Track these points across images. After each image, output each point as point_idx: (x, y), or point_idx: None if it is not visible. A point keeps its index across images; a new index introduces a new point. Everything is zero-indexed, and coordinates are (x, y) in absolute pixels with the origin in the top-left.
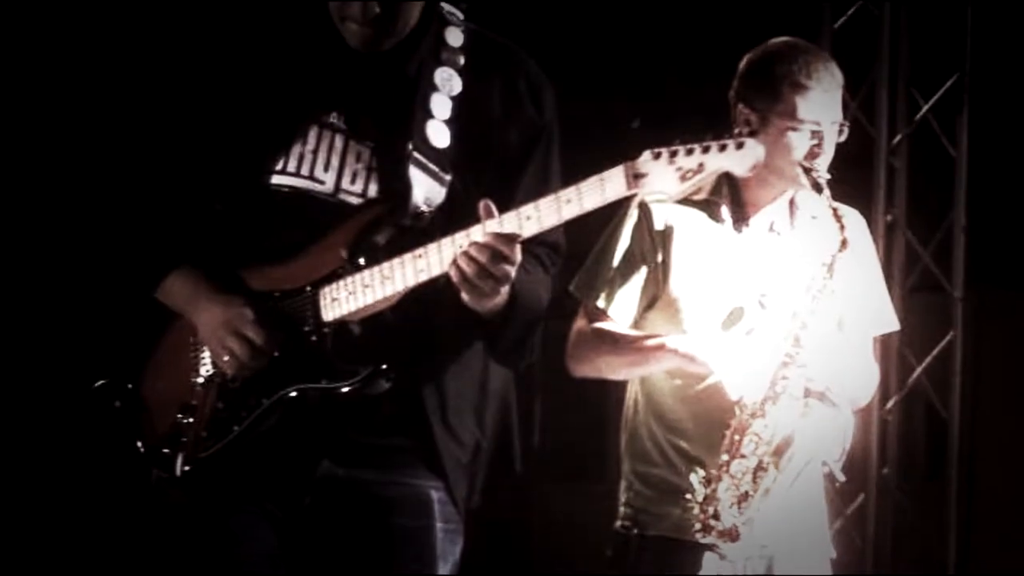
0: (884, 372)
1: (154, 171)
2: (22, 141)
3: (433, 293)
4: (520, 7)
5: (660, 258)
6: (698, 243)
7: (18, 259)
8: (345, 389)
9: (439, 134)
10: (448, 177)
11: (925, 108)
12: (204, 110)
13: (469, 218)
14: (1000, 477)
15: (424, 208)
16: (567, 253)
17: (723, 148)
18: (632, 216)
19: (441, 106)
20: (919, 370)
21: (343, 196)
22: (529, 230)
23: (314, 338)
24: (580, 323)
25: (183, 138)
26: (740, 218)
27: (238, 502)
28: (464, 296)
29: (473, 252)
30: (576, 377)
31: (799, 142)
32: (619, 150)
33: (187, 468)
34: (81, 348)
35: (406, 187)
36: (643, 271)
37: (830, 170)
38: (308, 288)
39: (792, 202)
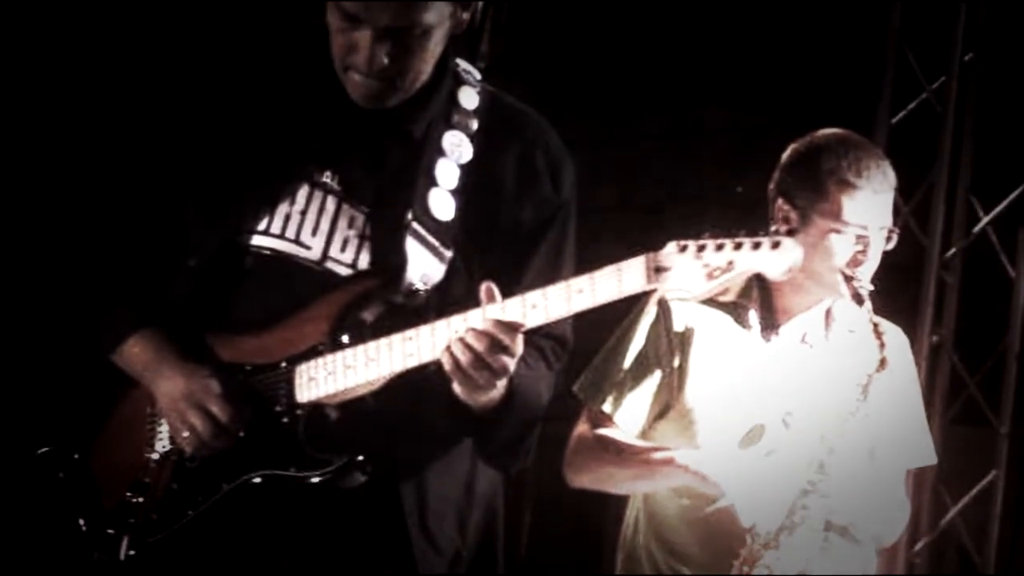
0: (915, 510)
1: (118, 217)
2: None
3: (422, 381)
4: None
5: (677, 363)
6: (720, 349)
7: None
8: (315, 480)
9: (443, 205)
10: (449, 253)
11: (985, 220)
12: (181, 154)
13: (468, 301)
14: None
15: (419, 285)
16: (574, 348)
17: (756, 246)
18: (649, 313)
19: (448, 174)
20: (954, 511)
21: (330, 265)
22: (534, 320)
23: (285, 420)
24: (582, 428)
25: (154, 183)
26: (769, 325)
27: None
28: (456, 387)
29: (470, 339)
30: (573, 487)
31: (842, 246)
32: (642, 237)
33: (132, 553)
34: (27, 410)
35: (401, 260)
36: (657, 375)
37: (874, 280)
38: (283, 364)
39: (829, 313)
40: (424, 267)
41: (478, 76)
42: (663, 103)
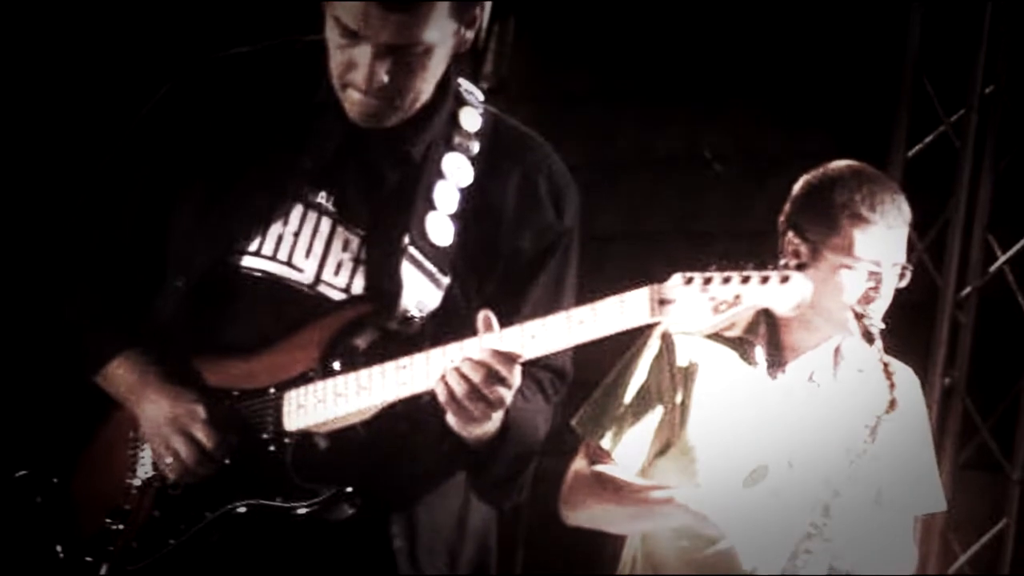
0: (923, 557)
1: (105, 235)
2: None
3: (415, 411)
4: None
5: (679, 398)
6: (725, 386)
7: None
8: (302, 510)
9: (441, 229)
10: (446, 280)
11: (1002, 259)
12: (170, 171)
13: (465, 329)
14: None
15: (415, 312)
16: (573, 381)
17: (765, 281)
18: (652, 347)
19: (447, 197)
20: (963, 559)
21: (323, 289)
22: (533, 351)
23: (272, 448)
24: (579, 463)
25: (142, 200)
26: (776, 363)
27: None
28: (450, 418)
29: (465, 369)
30: (569, 525)
31: (853, 283)
32: (647, 268)
33: None
34: (5, 432)
35: (396, 286)
36: (658, 411)
37: (885, 319)
38: (272, 390)
39: (838, 351)
40: (420, 293)
41: (481, 97)
42: (671, 128)
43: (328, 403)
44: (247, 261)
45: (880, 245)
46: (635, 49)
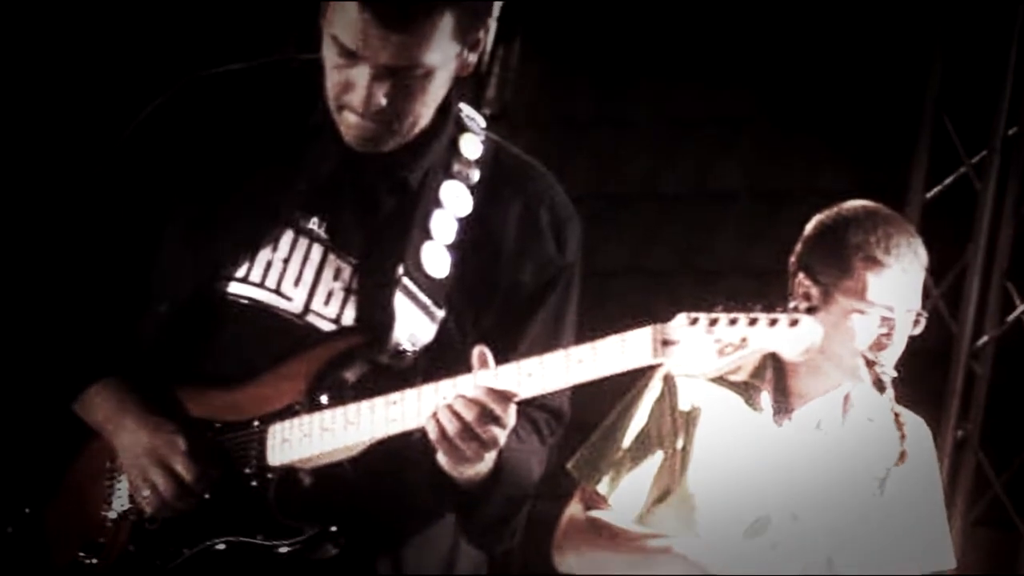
0: None
1: (86, 257)
2: None
3: (404, 449)
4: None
5: (680, 444)
6: (728, 432)
7: None
8: (284, 549)
9: (437, 260)
10: (440, 313)
11: (1021, 308)
12: (155, 191)
13: (459, 365)
14: None
15: (407, 346)
16: (570, 423)
17: (773, 323)
18: (654, 389)
19: (444, 227)
20: None
21: (312, 319)
22: (529, 389)
23: (255, 483)
24: (574, 508)
25: (126, 221)
26: (782, 409)
27: None
28: (440, 458)
29: (458, 407)
30: (561, 572)
31: (865, 328)
32: (650, 306)
33: None
34: None
35: (389, 318)
36: (658, 456)
37: (897, 367)
38: (256, 422)
39: (847, 399)
40: (413, 326)
41: (482, 123)
42: (680, 159)
43: (314, 438)
44: (234, 288)
45: (894, 290)
46: (644, 75)
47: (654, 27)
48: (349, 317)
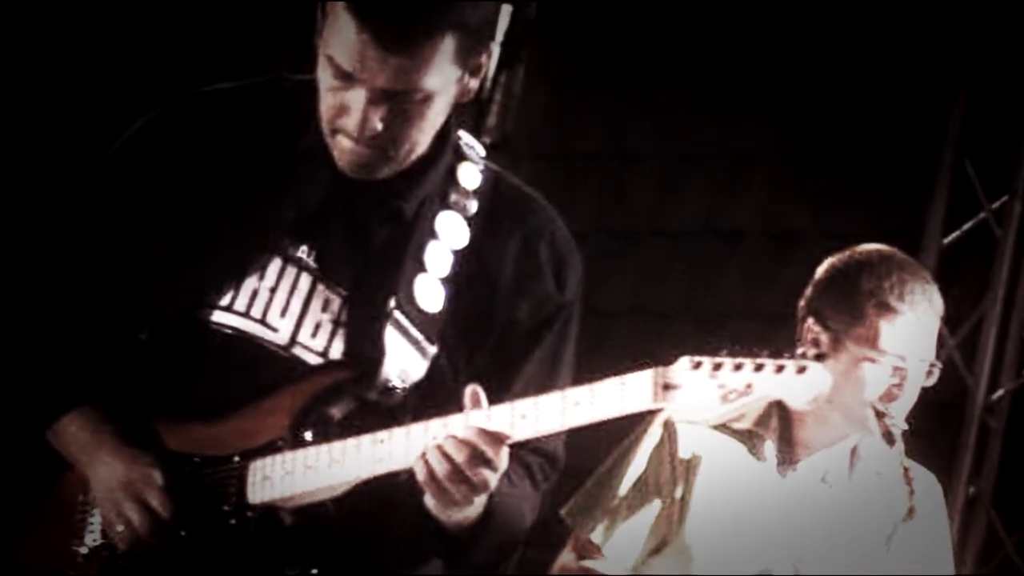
0: None
1: (62, 280)
2: None
3: (390, 490)
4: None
5: (679, 493)
6: (730, 482)
7: None
8: None
9: (430, 294)
10: (432, 349)
11: None
12: (136, 212)
13: (450, 404)
14: None
15: (397, 383)
16: (565, 467)
17: (780, 370)
18: (653, 435)
19: (438, 260)
20: None
21: (298, 351)
22: (522, 432)
23: (233, 521)
24: (567, 557)
25: (105, 243)
26: (787, 460)
27: None
28: (428, 500)
29: (449, 447)
30: None
31: (876, 377)
32: (652, 348)
33: None
34: None
35: (378, 353)
36: (656, 505)
37: (908, 419)
38: (236, 458)
39: (855, 451)
40: (404, 362)
41: (482, 152)
42: (687, 195)
43: (297, 476)
44: (217, 316)
45: (907, 338)
46: (653, 106)
47: (665, 57)
48: (337, 351)
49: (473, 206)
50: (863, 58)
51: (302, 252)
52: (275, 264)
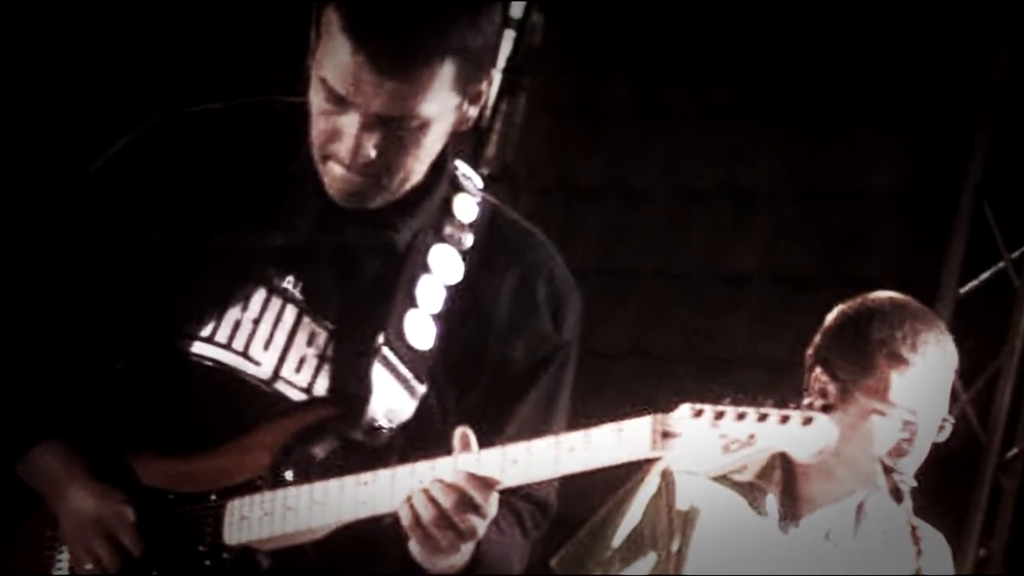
0: None
1: (34, 307)
2: None
3: (373, 535)
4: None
5: (676, 546)
6: (729, 537)
7: None
8: None
9: (421, 330)
10: (422, 388)
11: None
12: (114, 237)
13: (439, 446)
14: None
15: (383, 422)
16: (557, 516)
17: (784, 421)
18: (650, 485)
19: (431, 294)
20: None
21: (281, 386)
22: (513, 478)
23: (208, 562)
24: None
25: (81, 268)
26: (790, 515)
27: None
28: (413, 547)
29: (436, 492)
30: None
31: (885, 431)
32: (651, 393)
33: None
34: None
35: (365, 391)
36: (651, 559)
37: (918, 476)
38: (213, 496)
39: (861, 507)
40: (391, 401)
41: (479, 184)
42: (691, 235)
43: (276, 517)
44: (197, 347)
45: (919, 391)
46: (657, 140)
47: (671, 88)
48: (322, 387)
49: (468, 239)
50: (882, 95)
51: (288, 283)
52: (259, 294)
